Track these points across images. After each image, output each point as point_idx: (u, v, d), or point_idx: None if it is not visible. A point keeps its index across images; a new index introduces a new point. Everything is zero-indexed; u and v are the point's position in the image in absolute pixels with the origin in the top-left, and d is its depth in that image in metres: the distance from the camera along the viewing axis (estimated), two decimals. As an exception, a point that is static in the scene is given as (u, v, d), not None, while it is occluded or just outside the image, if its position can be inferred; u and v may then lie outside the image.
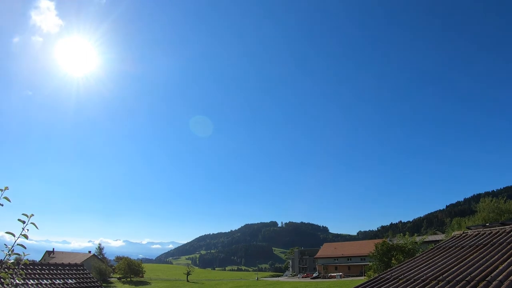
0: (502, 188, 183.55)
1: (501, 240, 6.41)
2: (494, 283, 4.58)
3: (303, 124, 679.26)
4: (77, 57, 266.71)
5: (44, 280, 11.85)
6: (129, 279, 75.01)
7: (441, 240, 29.82)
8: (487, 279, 4.77)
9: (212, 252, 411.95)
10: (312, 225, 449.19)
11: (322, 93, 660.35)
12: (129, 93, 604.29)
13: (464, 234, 8.05)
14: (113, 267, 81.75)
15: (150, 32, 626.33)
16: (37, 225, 2.72)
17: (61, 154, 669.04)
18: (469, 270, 5.34)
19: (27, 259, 2.94)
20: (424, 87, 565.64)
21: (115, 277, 77.31)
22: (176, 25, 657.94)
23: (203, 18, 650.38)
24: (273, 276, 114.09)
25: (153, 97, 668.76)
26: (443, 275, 5.47)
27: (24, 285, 10.80)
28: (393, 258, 33.99)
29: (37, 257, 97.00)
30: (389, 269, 7.22)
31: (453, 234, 8.49)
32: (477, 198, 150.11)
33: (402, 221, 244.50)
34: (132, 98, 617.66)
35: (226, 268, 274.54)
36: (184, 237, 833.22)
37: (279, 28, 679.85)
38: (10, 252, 2.61)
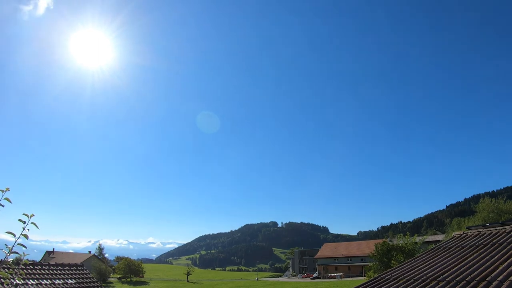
0: (502, 188, 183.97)
1: (501, 241, 6.41)
2: (494, 283, 4.58)
3: (304, 125, 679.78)
4: (92, 49, 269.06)
5: (44, 280, 11.86)
6: (128, 279, 75.01)
7: (441, 240, 29.85)
8: (487, 279, 4.78)
9: (212, 252, 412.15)
10: (312, 225, 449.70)
11: (325, 94, 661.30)
12: (143, 86, 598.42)
13: (464, 234, 8.05)
14: (113, 267, 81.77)
15: (166, 24, 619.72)
16: (37, 225, 2.73)
17: (62, 153, 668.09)
18: (469, 270, 5.34)
19: (27, 259, 2.95)
20: (424, 87, 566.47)
21: (114, 277, 77.33)
22: (192, 17, 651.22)
23: (221, 11, 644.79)
24: (273, 277, 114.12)
25: (161, 92, 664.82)
26: (443, 275, 5.48)
27: (24, 285, 10.80)
28: (393, 259, 34.04)
29: (37, 257, 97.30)
30: (389, 269, 7.23)
31: (453, 234, 8.50)
32: (477, 198, 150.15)
33: (402, 221, 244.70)
34: (145, 91, 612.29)
35: (226, 269, 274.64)
36: (184, 237, 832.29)
37: (287, 29, 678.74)
38: (9, 252, 2.61)
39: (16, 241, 2.62)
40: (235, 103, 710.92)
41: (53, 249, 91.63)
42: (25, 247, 2.68)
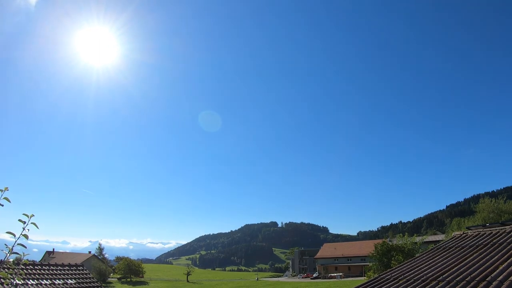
0: (502, 188, 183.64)
1: (501, 241, 6.41)
2: (494, 283, 4.58)
3: (304, 124, 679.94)
4: (97, 47, 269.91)
5: (44, 280, 11.85)
6: (128, 280, 74.96)
7: (441, 240, 29.84)
8: (487, 279, 4.77)
9: (212, 253, 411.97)
10: (312, 225, 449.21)
11: (326, 93, 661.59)
12: (147, 84, 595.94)
13: (464, 234, 8.05)
14: (113, 268, 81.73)
15: (170, 22, 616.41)
16: (37, 225, 2.73)
17: (63, 152, 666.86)
18: (469, 270, 5.34)
19: (27, 259, 2.95)
20: (425, 87, 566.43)
21: (114, 278, 77.30)
22: (196, 15, 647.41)
23: (226, 9, 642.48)
24: (273, 277, 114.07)
25: (164, 90, 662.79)
26: (443, 276, 5.48)
27: (24, 285, 10.79)
28: (392, 259, 34.04)
29: (37, 257, 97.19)
30: (389, 269, 7.23)
31: (453, 234, 8.49)
32: (477, 198, 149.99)
33: (402, 221, 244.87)
34: (149, 90, 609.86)
35: (226, 269, 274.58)
36: (184, 237, 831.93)
37: (293, 27, 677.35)
38: (9, 252, 2.61)
39: (16, 241, 2.62)
40: (236, 102, 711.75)
41: (53, 249, 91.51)
42: (25, 247, 2.68)
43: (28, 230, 2.67)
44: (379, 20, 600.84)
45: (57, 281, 12.29)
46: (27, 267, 11.89)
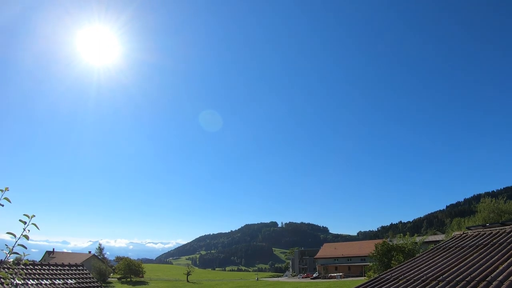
0: (502, 188, 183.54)
1: (501, 241, 6.41)
2: (494, 283, 4.58)
3: (304, 124, 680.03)
4: (98, 46, 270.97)
5: (44, 280, 11.85)
6: (128, 280, 74.95)
7: (441, 240, 29.80)
8: (487, 279, 4.77)
9: (212, 253, 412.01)
10: (312, 225, 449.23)
11: (326, 93, 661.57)
12: (148, 84, 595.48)
13: (464, 234, 8.05)
14: (113, 268, 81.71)
15: (171, 21, 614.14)
16: (38, 226, 2.73)
17: (63, 152, 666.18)
18: (469, 270, 5.34)
19: (27, 259, 2.95)
20: (425, 86, 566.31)
21: (114, 278, 77.30)
22: (197, 15, 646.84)
23: (227, 9, 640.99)
24: (273, 277, 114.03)
25: (165, 90, 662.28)
26: (443, 276, 5.48)
27: (24, 285, 10.80)
28: (393, 259, 34.04)
29: (37, 257, 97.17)
30: (389, 269, 7.22)
31: (453, 234, 8.49)
32: (477, 198, 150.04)
33: (402, 221, 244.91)
34: (149, 89, 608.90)
35: (226, 269, 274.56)
36: (184, 237, 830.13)
37: (294, 26, 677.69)
38: (10, 252, 2.61)
39: (16, 241, 2.62)
40: (237, 101, 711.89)
41: (53, 249, 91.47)
42: (25, 247, 2.68)
43: (29, 230, 2.67)
44: (380, 21, 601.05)
45: (57, 281, 12.29)
46: (27, 267, 11.89)
